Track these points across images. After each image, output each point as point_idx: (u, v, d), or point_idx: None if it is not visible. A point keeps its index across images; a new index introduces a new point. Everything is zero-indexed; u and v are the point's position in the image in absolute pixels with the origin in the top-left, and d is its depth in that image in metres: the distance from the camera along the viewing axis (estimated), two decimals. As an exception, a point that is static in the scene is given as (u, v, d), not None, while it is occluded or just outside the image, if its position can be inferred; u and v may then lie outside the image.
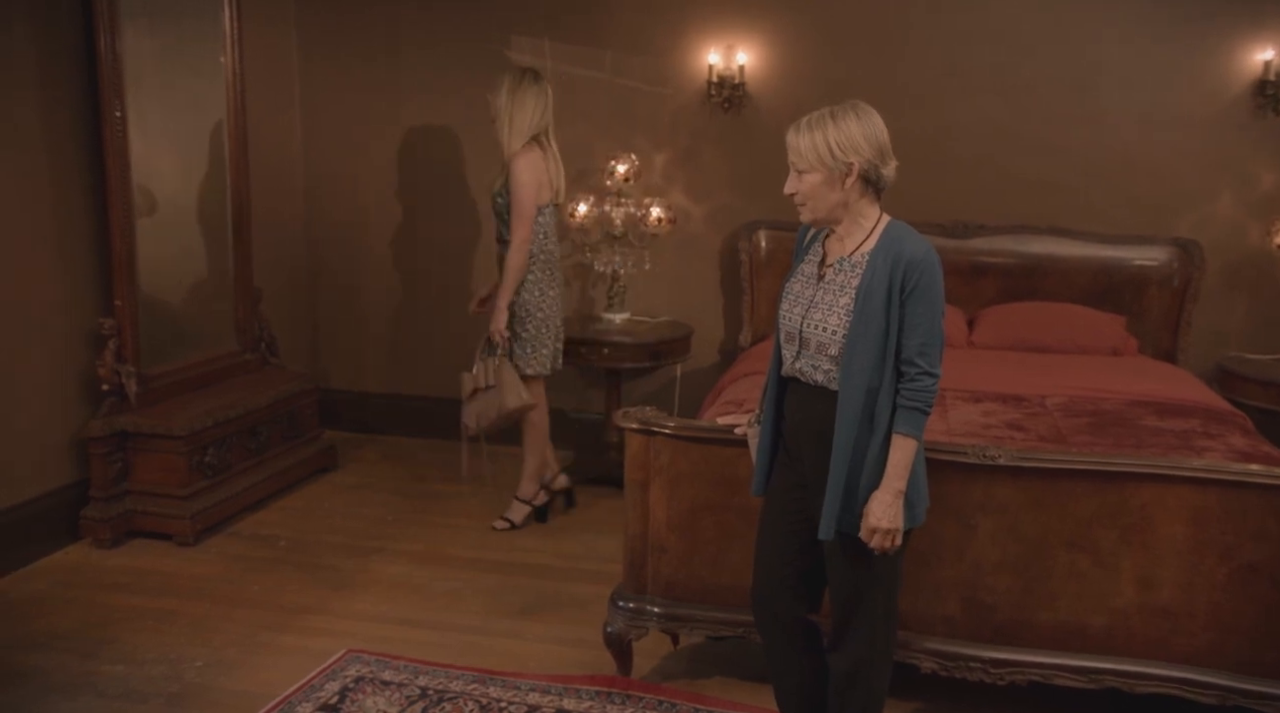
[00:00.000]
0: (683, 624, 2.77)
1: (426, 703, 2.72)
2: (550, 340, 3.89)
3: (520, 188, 3.69)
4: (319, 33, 4.95)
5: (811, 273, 2.24)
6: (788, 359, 2.24)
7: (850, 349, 2.09)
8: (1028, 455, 2.47)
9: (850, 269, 2.16)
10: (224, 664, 2.92)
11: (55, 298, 3.62)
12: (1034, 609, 2.54)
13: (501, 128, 3.75)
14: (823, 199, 2.14)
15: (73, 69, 3.61)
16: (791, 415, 2.26)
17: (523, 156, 3.71)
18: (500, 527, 3.96)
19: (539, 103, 3.76)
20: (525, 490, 4.03)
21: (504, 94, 3.74)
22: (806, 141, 2.12)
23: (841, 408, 2.09)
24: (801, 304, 2.21)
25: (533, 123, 3.75)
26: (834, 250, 2.22)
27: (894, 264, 2.07)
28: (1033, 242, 4.35)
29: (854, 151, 2.10)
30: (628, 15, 4.65)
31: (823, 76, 4.50)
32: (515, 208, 3.69)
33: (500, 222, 3.82)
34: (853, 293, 2.11)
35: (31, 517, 3.55)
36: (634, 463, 2.69)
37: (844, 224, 2.19)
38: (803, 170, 2.14)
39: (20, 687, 2.77)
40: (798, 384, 2.24)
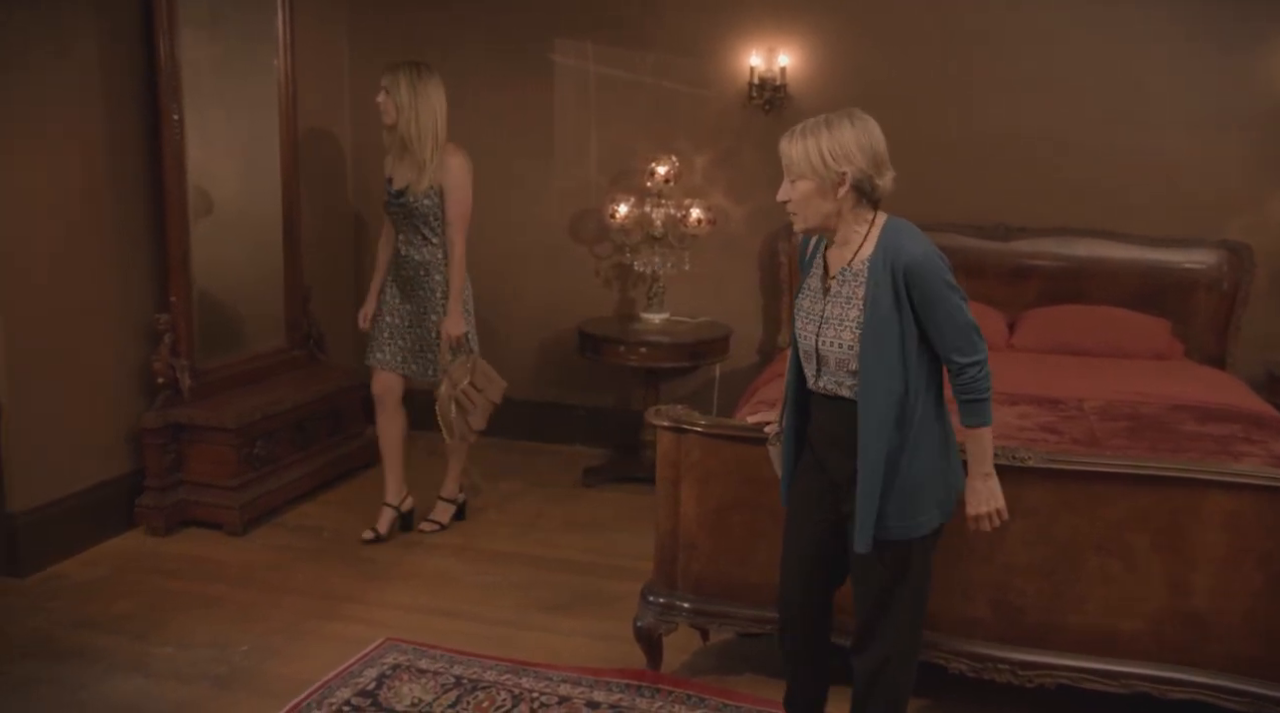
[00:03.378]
0: (712, 620, 2.81)
1: (460, 692, 2.79)
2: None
3: (462, 189, 3.58)
4: (369, 36, 5.07)
5: (817, 287, 2.21)
6: (809, 376, 2.23)
7: (867, 361, 2.06)
8: (1057, 458, 2.46)
9: (853, 278, 2.12)
10: (269, 649, 3.02)
11: (115, 294, 3.77)
12: (1063, 612, 2.53)
13: (408, 126, 3.52)
14: (814, 208, 2.11)
15: (133, 74, 3.76)
16: (819, 427, 2.25)
17: (457, 155, 3.59)
18: (428, 529, 3.88)
19: (440, 93, 3.57)
20: (450, 489, 3.97)
21: (404, 91, 3.52)
22: (799, 149, 2.08)
23: (866, 420, 2.07)
24: (813, 321, 2.18)
25: (443, 114, 3.57)
26: (835, 260, 2.18)
27: (894, 269, 2.04)
28: (1076, 244, 4.31)
29: (846, 160, 2.06)
30: (670, 18, 4.70)
31: (864, 78, 4.50)
32: (459, 210, 3.58)
33: (420, 224, 3.62)
34: (860, 305, 2.08)
35: (92, 504, 3.70)
36: (665, 460, 2.73)
37: (839, 233, 2.15)
38: (794, 178, 2.11)
39: (80, 664, 2.90)
40: (823, 397, 2.22)
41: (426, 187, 3.56)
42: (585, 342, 4.49)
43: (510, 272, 5.06)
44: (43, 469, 3.52)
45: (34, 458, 3.49)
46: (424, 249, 3.65)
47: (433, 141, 3.53)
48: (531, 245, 5.02)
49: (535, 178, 4.97)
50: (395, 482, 3.87)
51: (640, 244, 4.65)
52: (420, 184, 3.56)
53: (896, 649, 2.25)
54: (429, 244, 3.64)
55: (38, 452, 3.50)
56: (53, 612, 3.21)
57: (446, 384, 3.62)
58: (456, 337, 3.64)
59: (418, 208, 3.58)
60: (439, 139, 3.56)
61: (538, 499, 4.32)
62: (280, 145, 4.38)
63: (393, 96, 3.52)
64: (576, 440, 5.05)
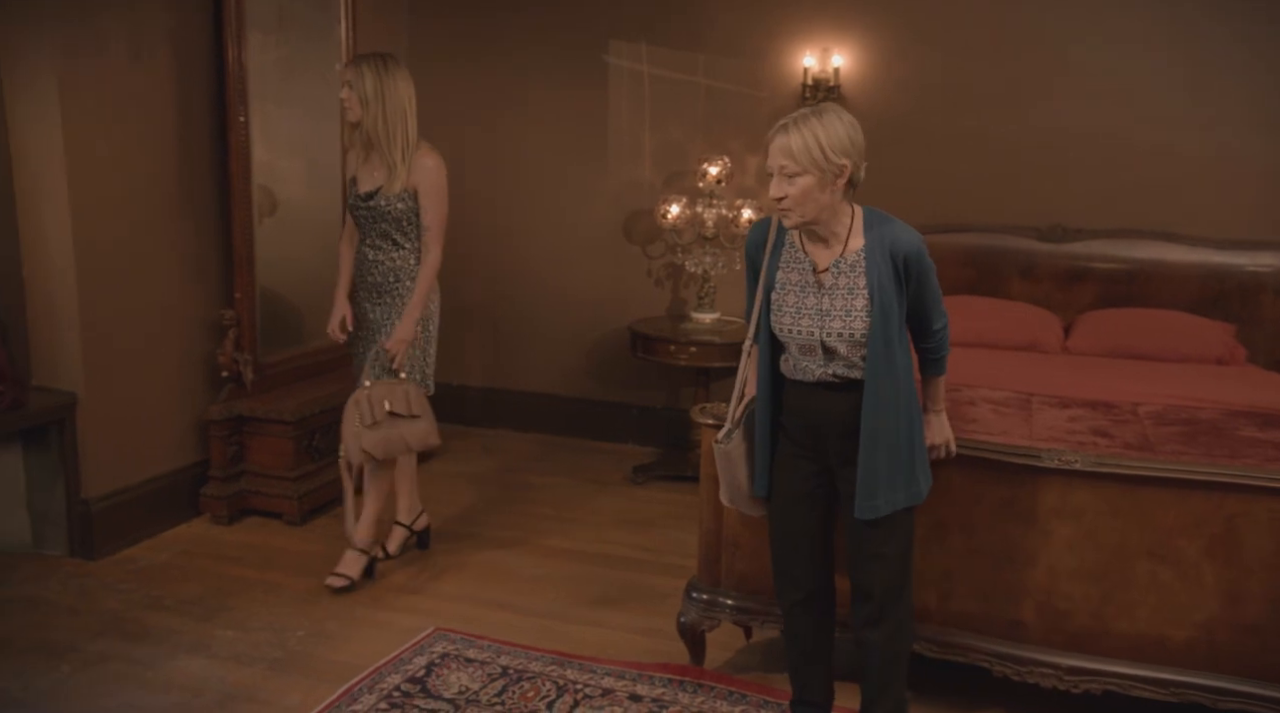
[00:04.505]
0: (754, 618, 2.83)
1: (506, 681, 2.85)
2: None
3: (439, 194, 3.33)
4: (428, 39, 5.18)
5: (807, 282, 2.24)
6: (812, 368, 2.27)
7: (879, 343, 2.17)
8: (1105, 461, 2.43)
9: (849, 270, 2.20)
10: (323, 635, 3.12)
11: (183, 290, 3.92)
12: (1111, 618, 2.50)
13: (374, 123, 3.23)
14: (813, 202, 2.13)
15: (203, 77, 3.90)
16: (817, 413, 2.29)
17: (433, 156, 3.33)
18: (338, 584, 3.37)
19: (408, 87, 3.28)
20: (363, 537, 3.46)
21: (368, 84, 3.21)
22: (798, 142, 2.09)
23: (880, 398, 2.19)
24: (812, 315, 2.23)
25: (412, 111, 3.28)
26: (821, 254, 2.23)
27: (893, 257, 2.17)
28: (1136, 246, 4.22)
29: (844, 153, 2.11)
30: (723, 19, 4.72)
31: (919, 78, 4.47)
32: (436, 217, 3.32)
33: (390, 228, 3.32)
34: (865, 293, 2.18)
35: (160, 492, 3.85)
36: (709, 457, 2.76)
37: (825, 225, 2.19)
38: (794, 173, 2.11)
39: (149, 643, 3.03)
40: (823, 387, 2.28)
41: (399, 189, 3.27)
42: (636, 341, 4.54)
43: (563, 271, 5.13)
44: (115, 458, 3.68)
45: (107, 447, 3.65)
46: (394, 254, 3.35)
47: (402, 139, 3.26)
48: (585, 245, 5.08)
49: (589, 178, 5.03)
50: (404, 499, 3.66)
51: (692, 244, 4.68)
52: (392, 187, 3.27)
53: (905, 613, 2.38)
54: (400, 249, 3.35)
55: (110, 441, 3.66)
56: (124, 593, 3.35)
57: (366, 398, 3.26)
58: (398, 347, 3.31)
59: (389, 212, 3.29)
60: (409, 137, 3.28)
61: (587, 496, 4.38)
62: (341, 147, 4.49)
63: (356, 91, 3.23)
64: (627, 439, 5.10)
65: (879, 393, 2.20)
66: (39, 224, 3.48)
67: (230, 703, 2.73)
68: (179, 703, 2.73)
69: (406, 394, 3.33)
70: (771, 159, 2.13)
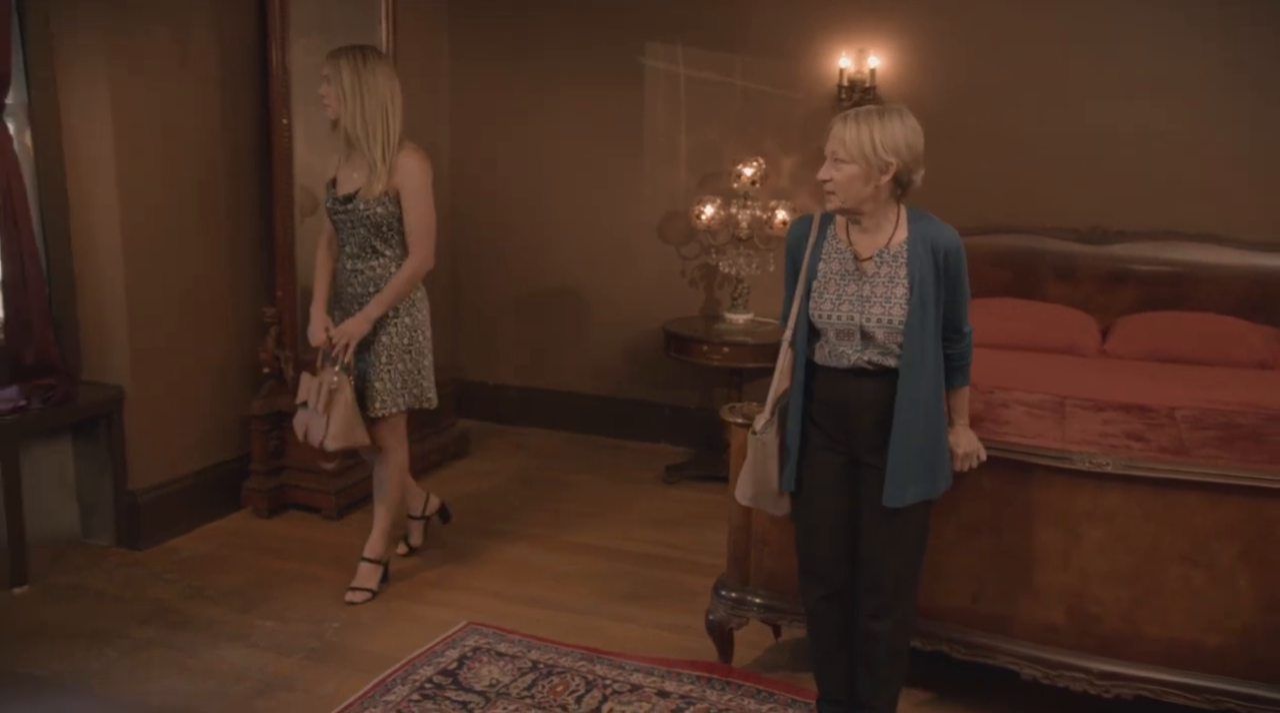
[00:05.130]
0: (782, 616, 2.84)
1: (536, 675, 2.89)
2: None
3: (422, 196, 3.11)
4: (468, 41, 5.25)
5: (847, 270, 2.32)
6: (848, 353, 2.32)
7: (916, 332, 2.25)
8: (1137, 464, 2.42)
9: (892, 260, 2.29)
10: (359, 627, 3.18)
11: (227, 289, 4.01)
12: (1144, 623, 2.48)
13: (352, 120, 3.04)
14: (854, 191, 2.25)
15: (247, 81, 3.99)
16: (845, 399, 2.34)
17: (415, 156, 3.12)
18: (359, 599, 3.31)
19: (390, 83, 3.08)
20: (376, 548, 3.40)
21: (345, 79, 3.02)
22: (852, 134, 2.22)
23: (914, 387, 2.25)
24: (853, 301, 2.31)
25: (396, 108, 3.07)
26: (863, 244, 2.33)
27: (934, 251, 2.26)
28: (1179, 248, 4.15)
29: (894, 152, 2.22)
30: (759, 21, 4.73)
31: (956, 79, 4.45)
32: (421, 218, 3.11)
33: (370, 234, 3.12)
34: (906, 282, 2.27)
35: (203, 485, 3.95)
36: (738, 456, 2.77)
37: (871, 218, 2.30)
38: (842, 160, 2.24)
39: (191, 631, 3.12)
40: (856, 373, 2.33)
41: (380, 192, 3.06)
42: (670, 341, 4.56)
43: (598, 271, 5.16)
44: (160, 451, 3.78)
45: (153, 440, 3.75)
46: (374, 263, 3.14)
47: (383, 138, 3.05)
48: (620, 245, 5.11)
49: (625, 179, 5.06)
50: (411, 495, 3.62)
51: (726, 245, 4.70)
52: (372, 189, 3.06)
53: (912, 608, 2.45)
54: (380, 257, 3.14)
55: (156, 435, 3.76)
56: (168, 583, 3.45)
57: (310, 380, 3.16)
58: (341, 336, 3.12)
59: (369, 216, 3.08)
60: (390, 136, 3.07)
61: (619, 494, 4.41)
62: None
63: (334, 86, 3.04)
64: (660, 439, 5.12)
65: (915, 382, 2.25)
66: (89, 224, 3.60)
67: (268, 691, 2.80)
68: (219, 690, 2.81)
69: (321, 386, 3.10)
70: (827, 143, 2.27)
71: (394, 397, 3.23)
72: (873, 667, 2.46)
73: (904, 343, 2.25)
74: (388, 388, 3.22)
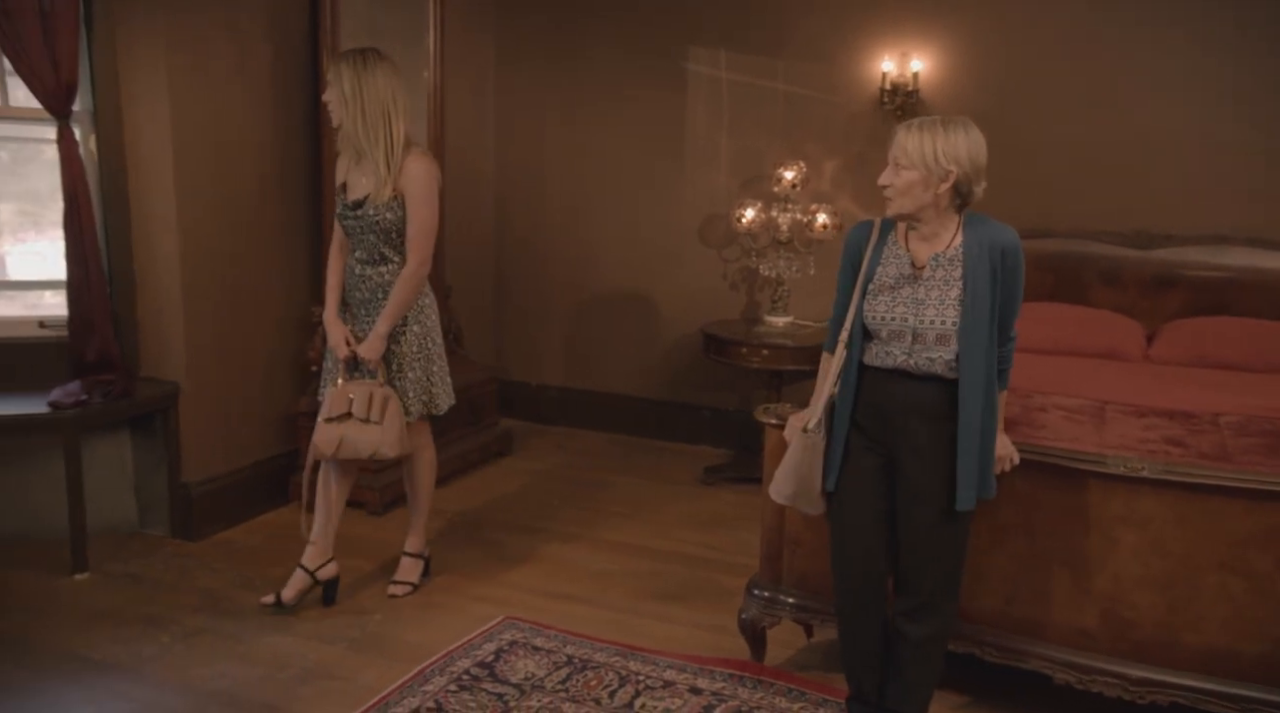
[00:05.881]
0: (814, 616, 2.86)
1: (571, 670, 2.94)
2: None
3: (426, 201, 3.06)
4: (514, 44, 5.33)
5: (904, 274, 2.35)
6: (896, 353, 2.34)
7: (970, 334, 2.27)
8: (1174, 469, 2.39)
9: (948, 264, 2.32)
10: (399, 619, 3.26)
11: (277, 288, 4.13)
12: (1179, 630, 2.45)
13: (354, 124, 3.01)
14: (913, 197, 2.29)
15: (299, 86, 4.11)
16: (891, 404, 2.36)
17: (422, 161, 3.07)
18: (401, 593, 3.39)
19: (391, 84, 3.02)
20: (416, 544, 3.48)
21: (346, 83, 2.98)
22: (914, 141, 2.26)
23: (970, 388, 2.28)
24: (908, 303, 2.33)
25: (399, 110, 3.03)
26: (919, 250, 2.36)
27: (990, 250, 2.29)
28: (1228, 253, 4.08)
29: (955, 162, 2.25)
30: (802, 25, 4.75)
31: (1000, 82, 4.43)
32: (422, 223, 3.06)
33: (380, 240, 3.10)
34: (960, 284, 2.29)
35: (253, 479, 4.07)
36: (772, 456, 2.80)
37: (930, 225, 2.32)
38: (903, 166, 2.28)
39: (240, 620, 3.23)
40: (901, 375, 2.35)
41: (389, 197, 3.03)
42: (709, 343, 4.59)
43: (640, 273, 5.22)
44: (213, 446, 3.91)
45: (206, 435, 3.88)
46: (384, 269, 3.13)
47: (385, 142, 3.01)
48: (661, 248, 5.16)
49: (667, 182, 5.11)
50: (324, 541, 3.30)
51: (766, 248, 4.72)
52: (381, 194, 3.03)
53: (951, 614, 2.46)
54: (389, 263, 3.12)
55: (209, 430, 3.89)
56: (219, 573, 3.56)
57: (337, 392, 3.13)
58: (368, 354, 3.12)
59: (379, 222, 3.06)
60: (394, 138, 3.03)
61: (657, 495, 4.45)
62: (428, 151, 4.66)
63: (335, 90, 3.02)
64: (700, 440, 5.15)
65: (974, 383, 2.28)
66: (149, 227, 3.73)
67: (311, 679, 2.89)
68: (265, 676, 2.90)
69: (371, 396, 3.09)
70: (891, 149, 2.31)
71: (410, 404, 3.21)
72: (904, 670, 2.47)
73: (960, 345, 2.28)
74: (403, 395, 3.20)
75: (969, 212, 2.36)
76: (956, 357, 2.29)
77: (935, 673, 2.49)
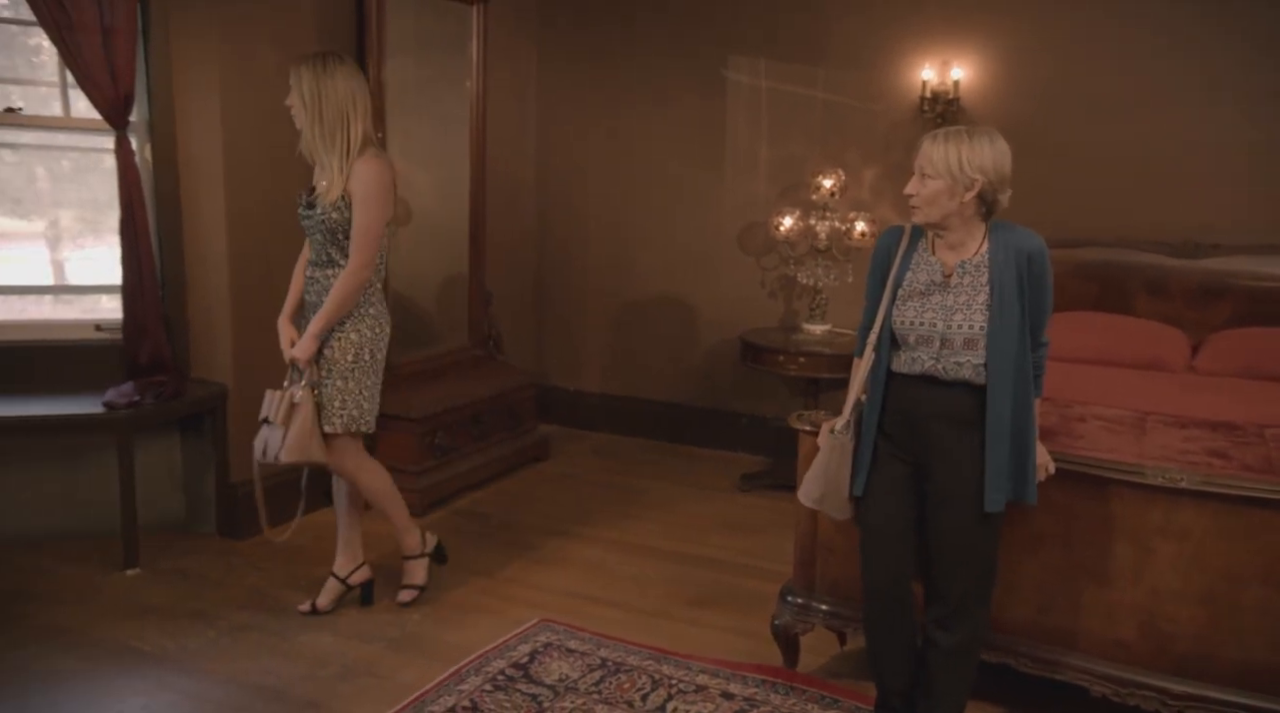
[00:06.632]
0: (847, 624, 2.86)
1: (605, 672, 2.97)
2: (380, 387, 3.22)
3: (373, 200, 2.96)
4: (555, 56, 5.40)
5: (934, 280, 2.37)
6: (923, 358, 2.36)
7: (998, 339, 2.28)
8: (1214, 481, 2.36)
9: (974, 270, 2.34)
10: (438, 618, 3.31)
11: (323, 294, 4.22)
12: (1220, 644, 2.42)
13: (312, 126, 2.96)
14: (938, 206, 2.31)
15: (346, 98, 4.21)
16: (919, 410, 2.38)
17: (374, 161, 2.98)
18: (407, 599, 3.36)
19: (350, 85, 2.96)
20: (410, 545, 3.40)
21: (305, 85, 2.94)
22: (940, 152, 2.28)
23: (998, 393, 2.29)
24: (933, 309, 2.35)
25: (358, 113, 2.96)
26: (947, 257, 2.38)
27: (1017, 256, 2.31)
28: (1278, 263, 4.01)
29: (980, 170, 2.27)
30: (841, 34, 4.75)
31: (1042, 89, 4.39)
32: (363, 224, 2.96)
33: (327, 241, 3.03)
34: (987, 290, 2.32)
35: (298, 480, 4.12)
36: (805, 463, 2.80)
37: (956, 233, 2.35)
38: (928, 175, 2.31)
39: (284, 618, 3.30)
40: (928, 381, 2.36)
41: (336, 196, 2.97)
42: (747, 350, 4.60)
43: (678, 280, 5.25)
44: (259, 446, 4.00)
45: (252, 436, 3.96)
46: (330, 272, 3.04)
47: (341, 143, 2.96)
48: (700, 255, 5.19)
49: (706, 189, 5.14)
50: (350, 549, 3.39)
51: (804, 256, 4.72)
52: (330, 194, 2.98)
53: (981, 622, 2.45)
54: (336, 267, 3.04)
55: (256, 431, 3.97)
56: (264, 571, 3.65)
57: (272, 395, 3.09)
58: (301, 358, 3.04)
59: (324, 221, 3.00)
60: (350, 140, 2.96)
61: (693, 501, 4.47)
62: (470, 160, 4.75)
63: (296, 93, 2.97)
64: (737, 447, 5.16)
65: (1001, 388, 2.29)
66: (199, 233, 3.85)
67: (351, 676, 2.95)
68: (307, 673, 2.97)
69: (281, 398, 3.04)
70: (916, 159, 2.34)
71: (329, 415, 3.07)
72: (935, 679, 2.47)
73: (989, 349, 2.29)
74: (322, 405, 3.07)
75: (996, 220, 2.37)
76: (984, 362, 2.30)
77: (967, 682, 2.49)
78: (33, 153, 3.92)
